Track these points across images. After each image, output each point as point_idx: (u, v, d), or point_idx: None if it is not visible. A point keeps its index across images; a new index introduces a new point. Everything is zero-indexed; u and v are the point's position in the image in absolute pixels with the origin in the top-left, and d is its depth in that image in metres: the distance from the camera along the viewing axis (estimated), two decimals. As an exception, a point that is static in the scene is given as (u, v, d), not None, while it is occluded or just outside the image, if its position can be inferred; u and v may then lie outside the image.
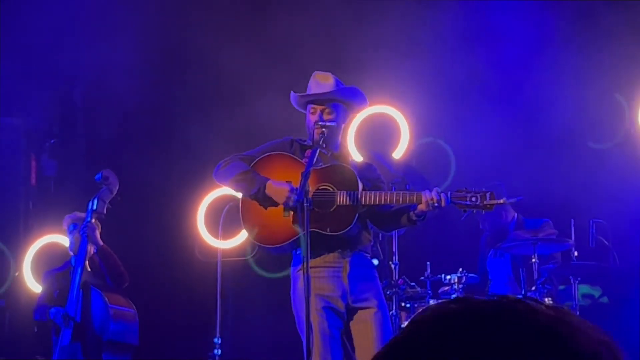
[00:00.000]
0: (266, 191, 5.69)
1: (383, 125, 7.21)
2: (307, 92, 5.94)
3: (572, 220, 7.77)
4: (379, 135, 8.24)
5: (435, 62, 8.84)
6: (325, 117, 5.83)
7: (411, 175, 7.95)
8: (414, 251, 8.10)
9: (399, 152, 8.46)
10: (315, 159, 5.56)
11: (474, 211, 5.63)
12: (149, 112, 9.30)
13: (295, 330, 5.70)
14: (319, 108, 5.86)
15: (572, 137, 8.70)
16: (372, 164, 6.24)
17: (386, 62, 8.63)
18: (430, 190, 5.53)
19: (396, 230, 6.96)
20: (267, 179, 5.73)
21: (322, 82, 5.94)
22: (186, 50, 9.44)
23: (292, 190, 5.59)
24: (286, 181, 5.65)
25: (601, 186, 8.33)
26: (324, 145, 5.78)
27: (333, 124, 5.79)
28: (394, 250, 7.78)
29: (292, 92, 5.96)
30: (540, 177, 8.50)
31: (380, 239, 7.60)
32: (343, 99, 5.91)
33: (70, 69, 9.73)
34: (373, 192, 5.66)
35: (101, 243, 7.57)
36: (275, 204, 5.70)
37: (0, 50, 9.34)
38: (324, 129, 5.74)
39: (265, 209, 5.76)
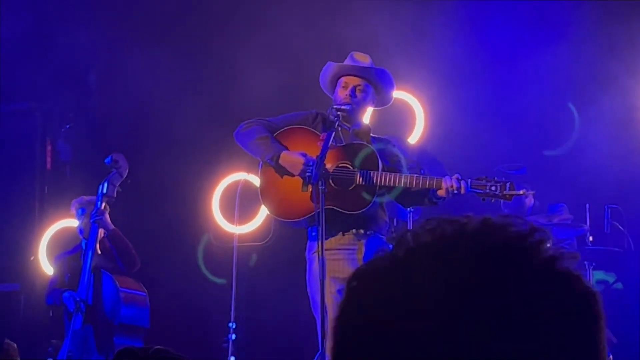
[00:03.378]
0: (280, 161, 5.71)
1: (398, 110, 7.20)
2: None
3: (587, 205, 7.75)
4: (393, 120, 8.22)
5: (449, 45, 8.81)
6: (358, 93, 5.86)
7: (426, 160, 7.93)
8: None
9: (414, 137, 8.45)
10: (330, 142, 5.57)
11: (492, 200, 5.64)
12: (164, 96, 9.30)
13: (310, 313, 5.70)
14: (351, 83, 5.88)
15: (588, 121, 8.65)
16: (391, 139, 6.25)
17: (400, 47, 8.60)
18: (451, 177, 5.54)
19: (415, 207, 6.91)
20: (283, 148, 5.74)
21: (360, 59, 5.97)
22: (202, 32, 9.43)
23: (307, 161, 5.60)
24: (301, 152, 5.67)
25: (617, 171, 8.30)
26: (339, 129, 5.79)
27: (348, 107, 5.80)
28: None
29: (329, 62, 5.98)
30: (555, 161, 8.48)
31: (395, 224, 7.59)
32: (377, 80, 5.93)
33: (85, 53, 9.74)
34: (393, 174, 5.67)
35: (111, 227, 7.57)
36: (291, 174, 5.72)
37: (16, 36, 9.36)
38: (339, 113, 5.76)
39: (281, 177, 5.77)
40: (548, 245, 1.10)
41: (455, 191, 5.51)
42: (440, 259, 1.09)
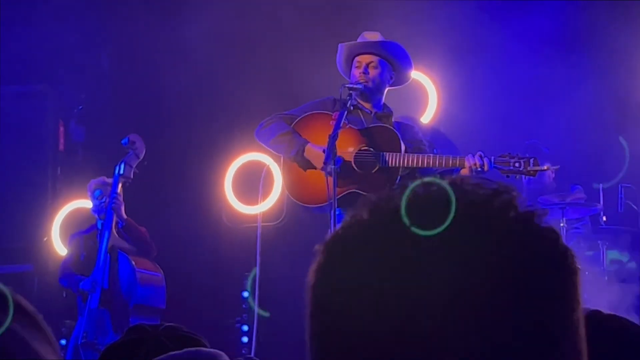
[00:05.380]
0: (305, 154, 5.71)
1: (411, 89, 7.18)
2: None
3: (601, 185, 7.71)
4: (406, 99, 8.20)
5: (462, 23, 8.77)
6: (371, 70, 5.85)
7: (439, 140, 7.91)
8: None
9: (426, 116, 8.43)
10: (342, 121, 5.56)
11: (517, 176, 5.63)
12: (177, 76, 9.29)
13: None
14: (364, 61, 5.87)
15: (600, 99, 8.61)
16: (415, 125, 6.25)
17: (410, 26, 8.57)
18: (473, 155, 5.53)
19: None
20: (307, 142, 5.74)
21: (369, 37, 5.96)
22: (215, 10, 9.39)
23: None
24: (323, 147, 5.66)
25: (630, 150, 8.25)
26: (352, 108, 5.77)
27: (359, 85, 5.79)
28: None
29: (339, 44, 5.98)
30: (568, 140, 8.45)
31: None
32: (389, 55, 5.91)
33: (98, 34, 9.73)
34: (415, 155, 5.67)
35: (125, 217, 7.54)
36: (313, 167, 5.73)
37: (27, 16, 9.35)
38: (351, 91, 5.74)
39: (304, 170, 5.78)
40: (521, 201, 1.08)
41: (479, 169, 5.50)
42: (408, 221, 1.07)
